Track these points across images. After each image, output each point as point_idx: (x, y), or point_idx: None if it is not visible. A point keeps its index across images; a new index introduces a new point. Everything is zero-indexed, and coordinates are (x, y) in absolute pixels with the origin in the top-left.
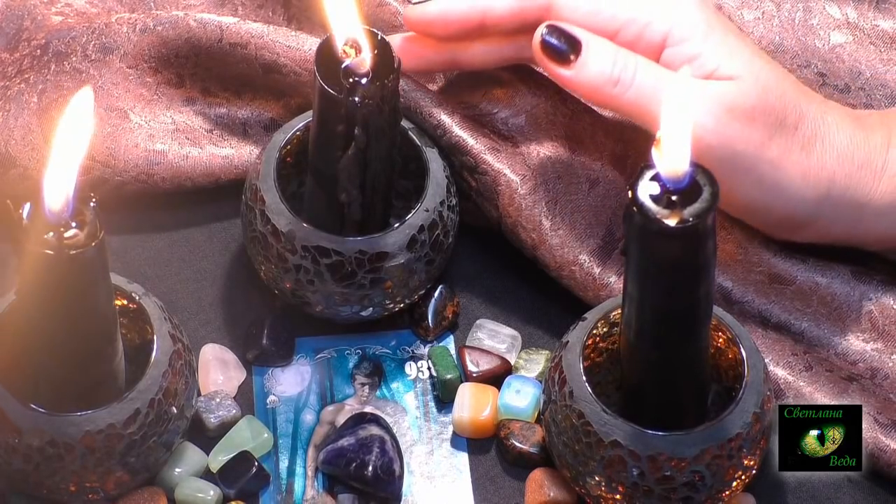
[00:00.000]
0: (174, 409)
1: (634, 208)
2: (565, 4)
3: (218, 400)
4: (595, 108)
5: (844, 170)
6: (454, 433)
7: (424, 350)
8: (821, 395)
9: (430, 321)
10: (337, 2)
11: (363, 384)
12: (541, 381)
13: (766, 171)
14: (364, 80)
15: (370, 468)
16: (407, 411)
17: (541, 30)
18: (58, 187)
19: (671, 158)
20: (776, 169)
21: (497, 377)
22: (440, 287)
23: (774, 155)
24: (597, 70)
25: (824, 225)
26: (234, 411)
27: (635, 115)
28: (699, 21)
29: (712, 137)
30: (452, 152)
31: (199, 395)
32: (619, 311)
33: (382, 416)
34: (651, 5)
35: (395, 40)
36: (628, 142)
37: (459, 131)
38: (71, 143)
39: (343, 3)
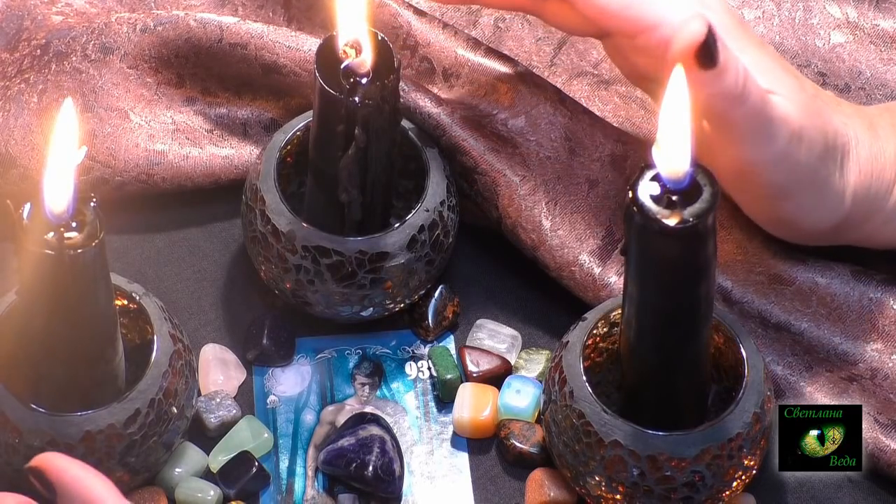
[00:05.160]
0: (174, 409)
1: (634, 208)
2: None
3: (218, 400)
4: (594, 109)
5: (863, 182)
6: (454, 433)
7: (424, 350)
8: (821, 395)
9: (430, 321)
10: (348, 1)
11: (363, 384)
12: (541, 381)
13: (813, 191)
14: (364, 80)
15: (370, 468)
16: (407, 411)
17: (701, 27)
18: (58, 187)
19: (672, 158)
20: (820, 189)
21: (497, 377)
22: (440, 287)
23: (822, 176)
24: (730, 82)
25: (839, 233)
26: (235, 411)
27: (726, 129)
28: (734, 30)
29: (785, 163)
30: (452, 152)
31: (199, 395)
32: (619, 311)
33: (383, 416)
34: (686, 6)
35: None
36: (628, 142)
37: (459, 131)
38: (66, 148)
39: (353, 3)
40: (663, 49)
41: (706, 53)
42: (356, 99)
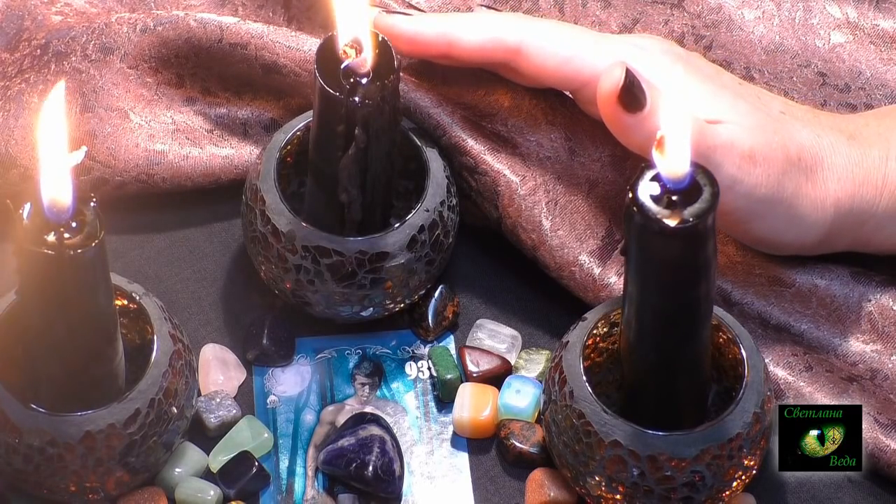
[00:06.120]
0: (174, 409)
1: (634, 208)
2: (537, 51)
3: (218, 400)
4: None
5: (846, 191)
6: (454, 433)
7: (424, 350)
8: (821, 395)
9: (430, 321)
10: (348, 1)
11: (363, 384)
12: (541, 381)
13: (782, 210)
14: (364, 80)
15: (370, 468)
16: (407, 411)
17: (620, 73)
18: (58, 187)
19: (672, 158)
20: (791, 206)
21: (497, 377)
22: (440, 287)
23: (789, 193)
24: (657, 124)
25: (829, 242)
26: (235, 411)
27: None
28: (672, 67)
29: (739, 188)
30: (452, 152)
31: (199, 395)
32: (619, 311)
33: (382, 416)
34: (621, 55)
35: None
36: None
37: (459, 131)
38: (54, 137)
39: (353, 3)
40: None
41: (629, 97)
42: (356, 99)
